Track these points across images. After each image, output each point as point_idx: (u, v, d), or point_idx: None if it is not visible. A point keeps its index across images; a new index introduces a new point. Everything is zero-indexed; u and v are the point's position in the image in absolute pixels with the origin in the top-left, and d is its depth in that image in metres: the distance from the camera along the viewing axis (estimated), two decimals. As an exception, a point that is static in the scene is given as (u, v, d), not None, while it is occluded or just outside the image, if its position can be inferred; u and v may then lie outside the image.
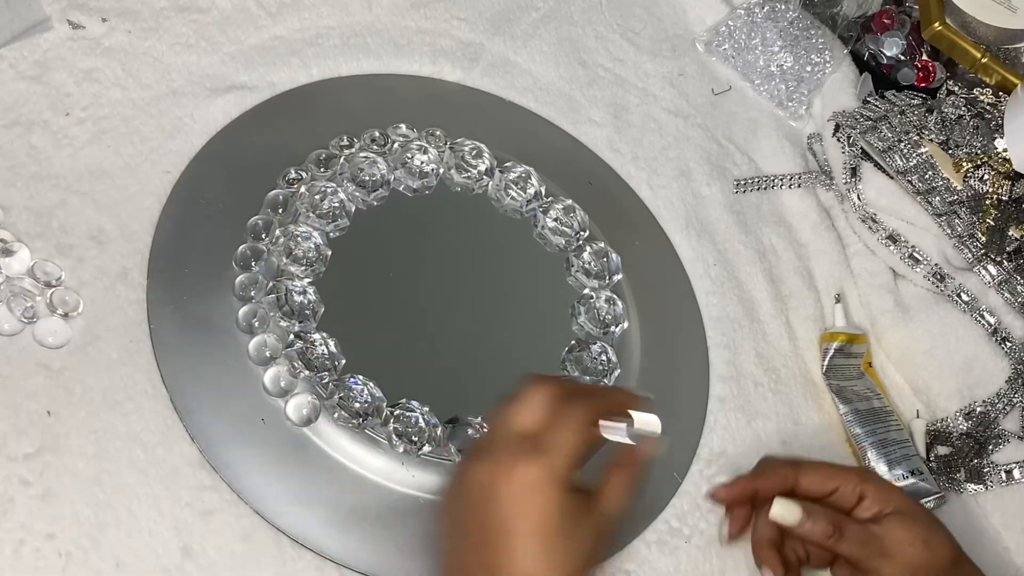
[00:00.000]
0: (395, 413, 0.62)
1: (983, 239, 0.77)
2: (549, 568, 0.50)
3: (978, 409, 0.75)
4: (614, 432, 0.54)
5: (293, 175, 0.69)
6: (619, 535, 0.65)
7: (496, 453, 0.52)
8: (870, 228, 0.81)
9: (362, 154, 0.71)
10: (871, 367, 0.78)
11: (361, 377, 0.63)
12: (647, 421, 0.54)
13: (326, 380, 0.62)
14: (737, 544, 0.65)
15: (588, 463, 0.53)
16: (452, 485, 0.54)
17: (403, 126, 0.74)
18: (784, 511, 0.60)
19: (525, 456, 0.51)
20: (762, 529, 0.63)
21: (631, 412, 0.54)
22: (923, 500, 0.71)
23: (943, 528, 0.62)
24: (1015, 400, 0.75)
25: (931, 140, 0.81)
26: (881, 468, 0.71)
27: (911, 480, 0.71)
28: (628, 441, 0.54)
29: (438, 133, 0.75)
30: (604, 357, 0.69)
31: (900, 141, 0.80)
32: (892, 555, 0.60)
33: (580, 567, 0.51)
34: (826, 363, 0.76)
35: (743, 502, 0.64)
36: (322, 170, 0.70)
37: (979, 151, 0.80)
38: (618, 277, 0.73)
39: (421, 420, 0.62)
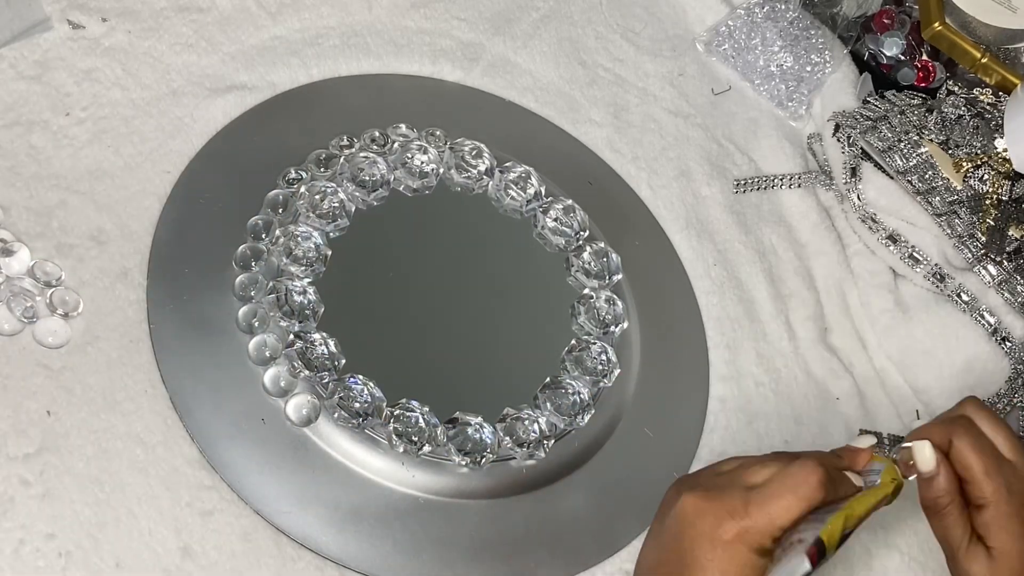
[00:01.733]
0: (395, 413, 0.62)
1: (983, 239, 0.77)
2: None
3: (978, 409, 0.75)
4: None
5: (293, 175, 0.69)
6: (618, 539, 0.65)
7: (715, 492, 0.52)
8: (870, 228, 0.81)
9: (362, 154, 0.71)
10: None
11: (361, 377, 0.63)
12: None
13: (326, 380, 0.62)
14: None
15: None
16: (666, 501, 0.54)
17: (403, 126, 0.74)
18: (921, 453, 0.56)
19: (735, 515, 0.51)
20: None
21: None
22: None
23: None
24: (1015, 400, 0.75)
25: (931, 140, 0.81)
26: None
27: None
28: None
29: (438, 133, 0.75)
30: (604, 357, 0.69)
31: (900, 141, 0.80)
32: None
33: None
34: None
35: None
36: (322, 170, 0.70)
37: (979, 151, 0.80)
38: (618, 277, 0.73)
39: (421, 420, 0.62)
